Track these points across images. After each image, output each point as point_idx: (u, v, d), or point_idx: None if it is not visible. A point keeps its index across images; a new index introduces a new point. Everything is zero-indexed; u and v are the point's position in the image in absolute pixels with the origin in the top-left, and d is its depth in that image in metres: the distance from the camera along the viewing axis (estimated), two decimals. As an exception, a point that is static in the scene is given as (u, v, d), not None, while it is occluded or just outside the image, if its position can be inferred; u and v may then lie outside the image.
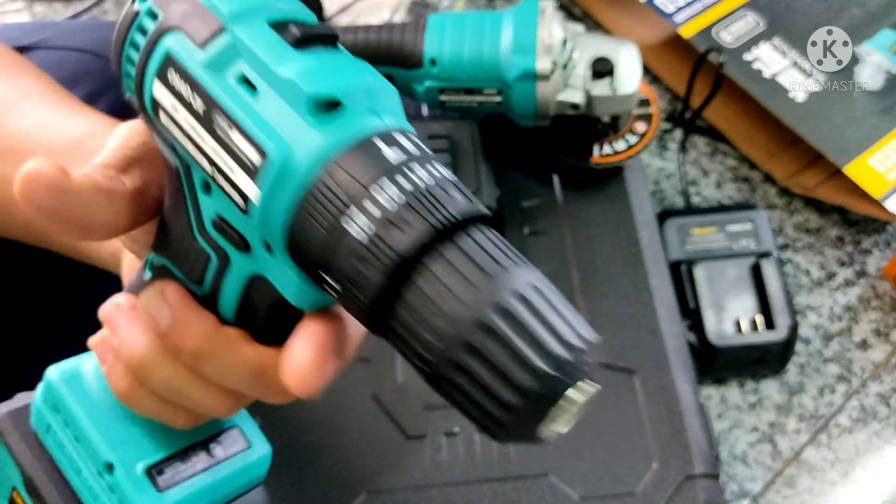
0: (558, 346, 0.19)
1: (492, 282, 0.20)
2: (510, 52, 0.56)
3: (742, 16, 0.76)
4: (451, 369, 0.20)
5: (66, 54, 0.55)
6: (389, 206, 0.20)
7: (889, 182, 0.67)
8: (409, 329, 0.21)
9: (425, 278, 0.20)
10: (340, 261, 0.21)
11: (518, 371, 0.19)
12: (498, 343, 0.19)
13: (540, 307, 0.20)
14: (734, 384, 0.65)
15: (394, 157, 0.21)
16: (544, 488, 0.52)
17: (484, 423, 0.20)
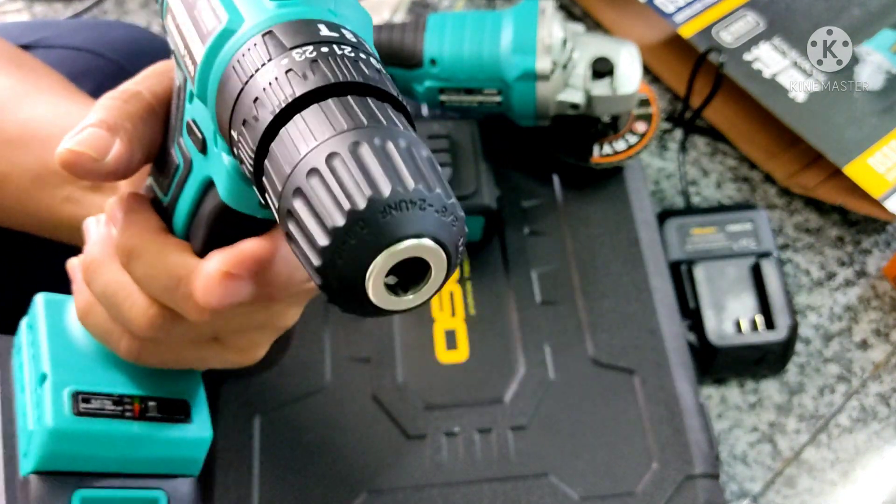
0: (374, 189, 0.18)
1: (336, 136, 0.19)
2: (510, 51, 0.56)
3: (742, 16, 0.76)
4: (288, 217, 0.20)
5: (66, 53, 0.55)
6: (296, 59, 0.21)
7: (889, 182, 0.67)
8: (269, 179, 0.20)
9: (289, 129, 0.20)
10: (244, 108, 0.21)
11: (332, 213, 0.19)
12: (321, 189, 0.19)
13: (370, 161, 0.19)
14: (734, 384, 0.65)
15: (326, 36, 0.22)
16: (544, 488, 0.52)
17: (313, 277, 0.20)
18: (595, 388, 0.55)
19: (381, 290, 0.19)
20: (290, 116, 0.20)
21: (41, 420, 0.29)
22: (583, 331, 0.57)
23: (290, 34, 0.22)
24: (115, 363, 0.31)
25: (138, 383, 0.31)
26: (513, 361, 0.56)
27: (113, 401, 0.30)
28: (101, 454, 0.30)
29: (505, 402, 0.55)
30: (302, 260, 0.20)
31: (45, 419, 0.29)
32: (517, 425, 0.54)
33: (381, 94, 0.21)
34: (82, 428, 0.29)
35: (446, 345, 0.57)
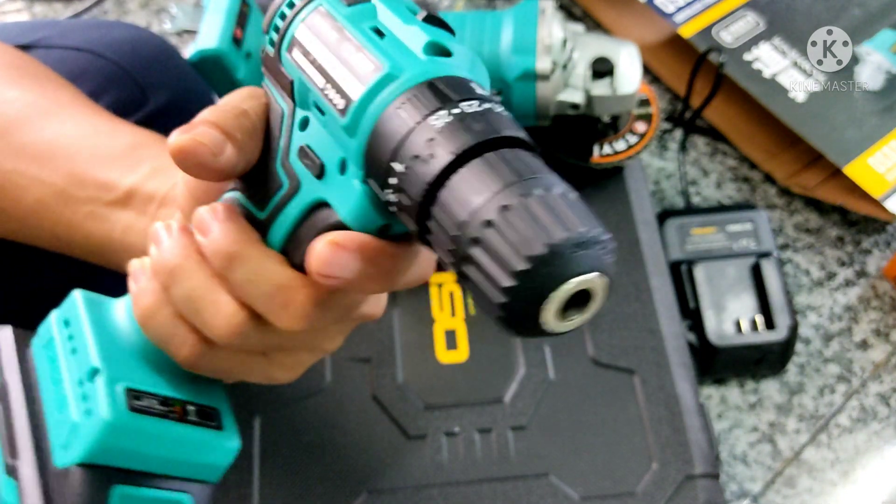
0: (549, 236, 0.21)
1: (506, 188, 0.22)
2: (510, 51, 0.56)
3: (742, 16, 0.77)
4: (465, 262, 0.22)
5: (66, 53, 0.55)
6: (466, 111, 0.24)
7: (889, 182, 0.67)
8: (440, 225, 0.23)
9: (454, 181, 0.23)
10: (416, 146, 0.24)
11: (513, 258, 0.21)
12: (499, 238, 0.22)
13: (538, 210, 0.22)
14: (734, 384, 0.65)
15: (481, 93, 0.25)
16: (544, 488, 0.52)
17: (491, 310, 0.22)
18: (595, 388, 0.55)
19: (553, 318, 0.22)
20: (457, 166, 0.23)
21: (93, 413, 0.29)
22: (583, 331, 0.57)
23: (451, 88, 0.25)
24: (160, 366, 0.32)
25: (179, 387, 0.32)
26: (513, 361, 0.56)
27: (159, 401, 0.31)
28: (144, 452, 0.31)
29: (505, 402, 0.55)
30: (479, 298, 0.22)
31: (100, 412, 0.29)
32: (517, 425, 0.54)
33: (525, 144, 0.25)
34: (136, 424, 0.30)
35: (446, 345, 0.57)
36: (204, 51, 0.55)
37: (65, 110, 0.42)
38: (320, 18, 0.28)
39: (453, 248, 0.23)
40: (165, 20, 0.86)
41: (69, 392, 0.31)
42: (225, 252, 0.28)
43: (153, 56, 0.57)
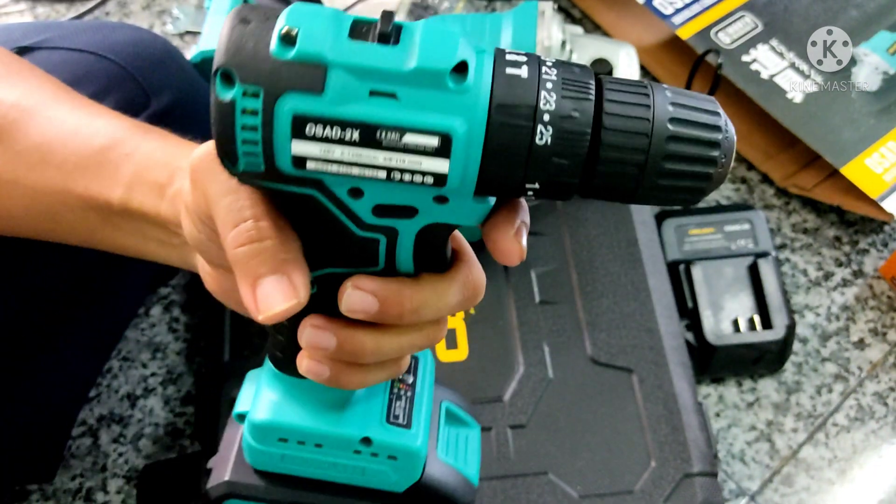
0: (712, 119, 0.26)
1: (652, 105, 0.25)
2: (510, 53, 0.56)
3: (740, 17, 0.77)
4: (666, 160, 0.25)
5: (69, 55, 0.55)
6: (554, 106, 0.25)
7: (886, 182, 0.68)
8: (617, 162, 0.25)
9: (610, 130, 0.25)
10: (540, 167, 0.25)
11: (708, 134, 0.26)
12: (687, 126, 0.26)
13: (686, 99, 0.26)
14: (732, 383, 0.65)
15: (527, 73, 0.25)
16: (544, 486, 0.52)
17: (696, 187, 0.26)
18: (594, 387, 0.56)
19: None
20: (599, 103, 0.26)
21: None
22: (581, 330, 0.58)
23: (512, 96, 0.25)
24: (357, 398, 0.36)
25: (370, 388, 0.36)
26: (512, 360, 0.56)
27: (396, 397, 0.36)
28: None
29: (504, 401, 0.55)
30: (684, 183, 0.26)
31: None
32: (516, 424, 0.54)
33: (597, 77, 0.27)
34: (421, 434, 0.36)
35: (446, 344, 0.57)
36: (206, 52, 0.56)
37: (49, 108, 0.42)
38: (316, 127, 0.25)
39: (643, 162, 0.25)
40: (168, 21, 0.86)
41: (358, 464, 0.35)
42: (412, 308, 0.30)
43: (156, 58, 0.57)
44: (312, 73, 0.24)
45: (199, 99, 0.58)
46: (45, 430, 0.58)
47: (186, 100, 0.57)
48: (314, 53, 0.24)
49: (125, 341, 0.67)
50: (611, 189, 0.26)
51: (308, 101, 0.24)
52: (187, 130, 0.57)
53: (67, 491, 0.61)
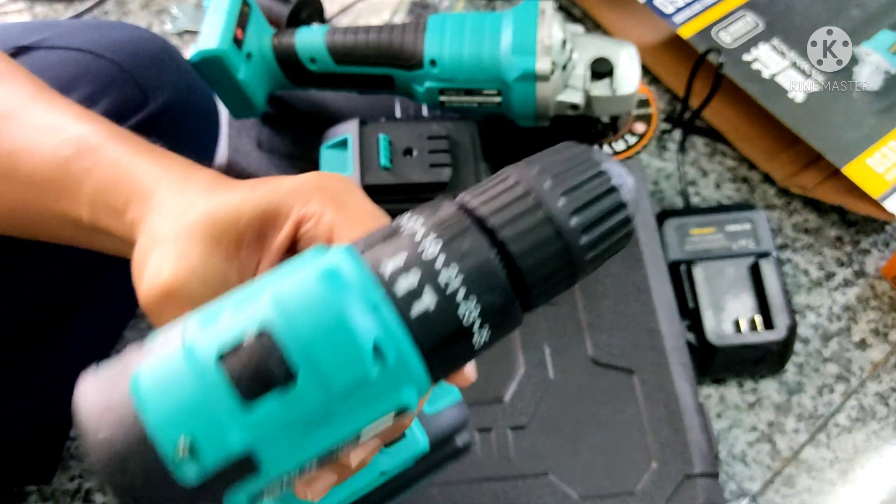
0: (604, 184, 0.25)
1: (547, 212, 0.24)
2: (510, 52, 0.56)
3: (741, 16, 0.77)
4: (586, 249, 0.25)
5: (67, 54, 0.55)
6: (461, 284, 0.24)
7: (888, 182, 0.67)
8: (545, 279, 0.25)
9: (525, 266, 0.24)
10: (479, 333, 0.24)
11: (610, 201, 0.25)
12: (588, 209, 0.25)
13: (575, 184, 0.25)
14: (733, 384, 0.65)
15: (416, 281, 0.24)
16: (544, 487, 0.52)
17: (624, 240, 0.26)
18: (594, 387, 0.55)
19: None
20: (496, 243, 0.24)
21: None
22: (582, 331, 0.57)
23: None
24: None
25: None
26: (513, 361, 0.56)
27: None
28: None
29: (505, 402, 0.55)
30: (615, 246, 0.26)
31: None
32: (517, 425, 0.54)
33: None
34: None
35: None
36: (205, 51, 0.55)
37: (18, 117, 0.40)
38: (274, 488, 0.23)
39: (567, 262, 0.25)
40: (166, 21, 0.86)
41: None
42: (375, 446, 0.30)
43: (154, 57, 0.57)
44: (237, 466, 0.22)
45: (196, 98, 0.58)
46: (44, 430, 0.57)
47: (184, 99, 0.56)
48: (226, 457, 0.21)
49: (125, 341, 0.66)
50: (552, 294, 0.26)
51: (252, 483, 0.22)
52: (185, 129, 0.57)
53: (66, 492, 0.61)
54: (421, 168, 0.56)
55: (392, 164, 0.56)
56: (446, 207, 0.25)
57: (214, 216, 0.31)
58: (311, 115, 0.67)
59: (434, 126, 0.58)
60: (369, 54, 0.58)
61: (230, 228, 0.31)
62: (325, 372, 0.22)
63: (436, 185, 0.55)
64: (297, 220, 0.31)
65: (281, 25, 0.64)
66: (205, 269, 0.30)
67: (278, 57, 0.60)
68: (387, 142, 0.56)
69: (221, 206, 0.31)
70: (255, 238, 0.31)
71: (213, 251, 0.30)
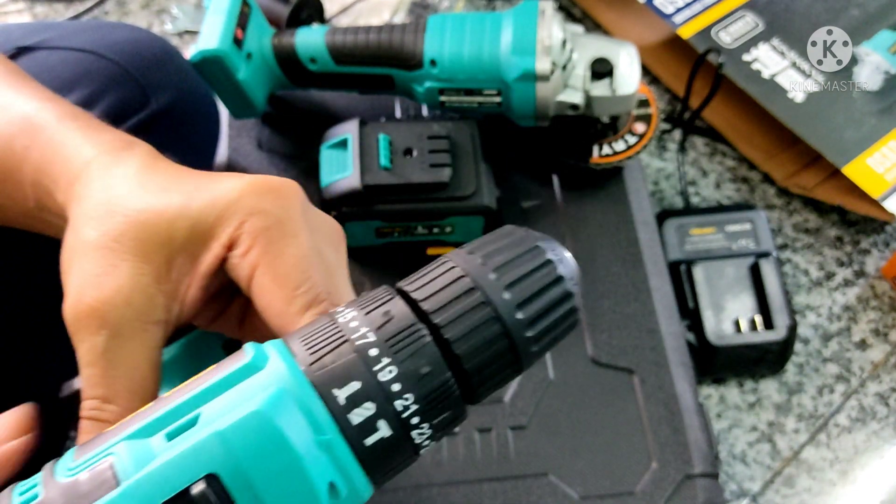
0: (549, 274, 0.24)
1: (491, 306, 0.24)
2: (510, 52, 0.56)
3: (741, 16, 0.77)
4: (532, 342, 0.24)
5: (68, 54, 0.55)
6: (415, 405, 0.23)
7: (888, 182, 0.67)
8: (491, 375, 0.24)
9: (470, 364, 0.23)
10: (422, 437, 0.24)
11: (556, 291, 0.24)
12: (533, 302, 0.24)
13: (520, 275, 0.24)
14: (733, 384, 0.65)
15: (373, 411, 0.22)
16: (544, 488, 0.52)
17: (570, 327, 0.25)
18: (594, 387, 0.55)
19: None
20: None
21: None
22: (582, 330, 0.57)
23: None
24: None
25: None
26: (513, 361, 0.56)
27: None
28: None
29: (505, 402, 0.55)
30: (562, 334, 0.25)
31: None
32: (517, 425, 0.54)
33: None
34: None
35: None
36: (205, 51, 0.55)
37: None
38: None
39: (514, 359, 0.24)
40: (167, 21, 0.86)
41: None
42: None
43: (154, 57, 0.57)
44: None
45: (197, 98, 0.58)
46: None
47: (185, 99, 0.57)
48: None
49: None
50: (496, 388, 0.25)
51: None
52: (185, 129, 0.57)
53: (66, 492, 0.61)
54: (421, 168, 0.56)
55: (392, 164, 0.56)
56: (396, 312, 0.23)
57: (146, 227, 0.29)
58: (312, 115, 0.67)
59: (434, 126, 0.58)
60: (369, 54, 0.58)
61: (162, 247, 0.29)
62: None
63: (436, 185, 0.55)
64: (228, 243, 0.29)
65: (281, 25, 0.64)
66: (132, 290, 0.28)
67: (278, 57, 0.60)
68: (387, 142, 0.56)
69: (154, 215, 0.29)
70: (187, 258, 0.29)
71: (143, 270, 0.28)
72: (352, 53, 0.59)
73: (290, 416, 0.21)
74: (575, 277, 0.25)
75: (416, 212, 0.56)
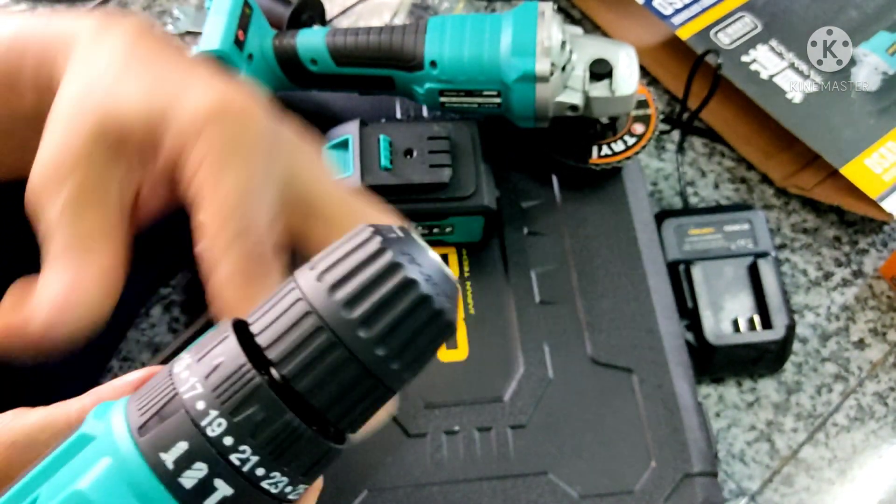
0: (396, 278, 0.21)
1: (326, 327, 0.21)
2: (509, 54, 0.56)
3: (740, 17, 0.77)
4: (390, 360, 0.21)
5: None
6: (256, 464, 0.21)
7: (886, 182, 0.68)
8: (348, 408, 0.22)
9: (313, 396, 0.21)
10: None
11: (407, 300, 0.21)
12: (379, 315, 0.21)
13: (361, 287, 0.21)
14: (732, 383, 0.66)
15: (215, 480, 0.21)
16: (543, 486, 0.52)
17: (442, 338, 0.22)
18: (594, 386, 0.56)
19: None
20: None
21: None
22: (582, 330, 0.58)
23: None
24: None
25: None
26: (512, 360, 0.57)
27: None
28: None
29: (504, 401, 0.55)
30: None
31: None
32: (516, 424, 0.54)
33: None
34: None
35: (446, 344, 0.57)
36: (207, 52, 0.56)
37: None
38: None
39: (373, 384, 0.22)
40: (168, 22, 0.86)
41: None
42: None
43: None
44: None
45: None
46: None
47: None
48: None
49: (125, 341, 0.67)
50: (369, 414, 0.23)
51: None
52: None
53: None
54: (421, 168, 0.56)
55: (392, 165, 0.56)
56: (226, 355, 0.21)
57: (109, 115, 0.28)
58: (312, 115, 0.67)
59: (434, 127, 0.58)
60: (370, 56, 0.59)
61: (121, 140, 0.28)
62: None
63: (436, 186, 0.56)
64: (176, 151, 0.28)
65: (282, 27, 0.65)
66: (87, 170, 0.28)
67: (279, 58, 0.60)
68: (387, 142, 0.56)
69: (119, 103, 0.28)
70: (141, 156, 0.29)
71: (97, 152, 0.28)
72: (352, 55, 0.59)
73: (115, 492, 0.19)
74: (436, 278, 0.21)
75: (416, 212, 0.56)
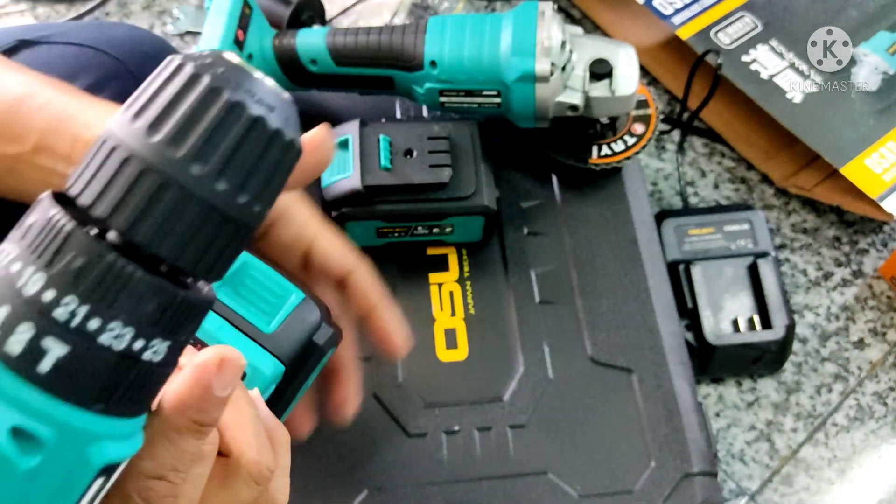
0: (208, 94, 0.20)
1: (151, 171, 0.19)
2: (509, 54, 0.56)
3: (740, 17, 0.77)
4: (236, 194, 0.20)
5: (67, 48, 0.55)
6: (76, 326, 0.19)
7: (886, 182, 0.68)
8: (200, 252, 0.20)
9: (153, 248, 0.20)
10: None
11: (233, 121, 0.19)
12: (212, 139, 0.19)
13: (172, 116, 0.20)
14: (732, 383, 0.66)
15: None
16: (543, 486, 0.52)
17: (283, 150, 0.21)
18: (594, 386, 0.56)
19: None
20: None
21: None
22: (581, 330, 0.58)
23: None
24: None
25: None
26: (512, 360, 0.57)
27: None
28: None
29: (504, 401, 0.55)
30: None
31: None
32: (516, 423, 0.54)
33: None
34: None
35: (446, 344, 0.57)
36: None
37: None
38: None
39: (223, 219, 0.20)
40: (168, 22, 0.86)
41: None
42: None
43: (153, 54, 0.57)
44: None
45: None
46: None
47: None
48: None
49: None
50: (232, 256, 0.21)
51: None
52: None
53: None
54: (421, 168, 0.56)
55: (392, 165, 0.56)
56: (37, 211, 0.19)
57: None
58: (312, 115, 0.67)
59: (434, 127, 0.58)
60: (370, 56, 0.59)
61: None
62: None
63: (436, 186, 0.56)
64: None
65: (282, 27, 0.65)
66: None
67: (279, 58, 0.60)
68: (387, 142, 0.56)
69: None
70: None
71: None
72: (352, 55, 0.59)
73: None
74: (265, 97, 0.20)
75: (416, 212, 0.56)
